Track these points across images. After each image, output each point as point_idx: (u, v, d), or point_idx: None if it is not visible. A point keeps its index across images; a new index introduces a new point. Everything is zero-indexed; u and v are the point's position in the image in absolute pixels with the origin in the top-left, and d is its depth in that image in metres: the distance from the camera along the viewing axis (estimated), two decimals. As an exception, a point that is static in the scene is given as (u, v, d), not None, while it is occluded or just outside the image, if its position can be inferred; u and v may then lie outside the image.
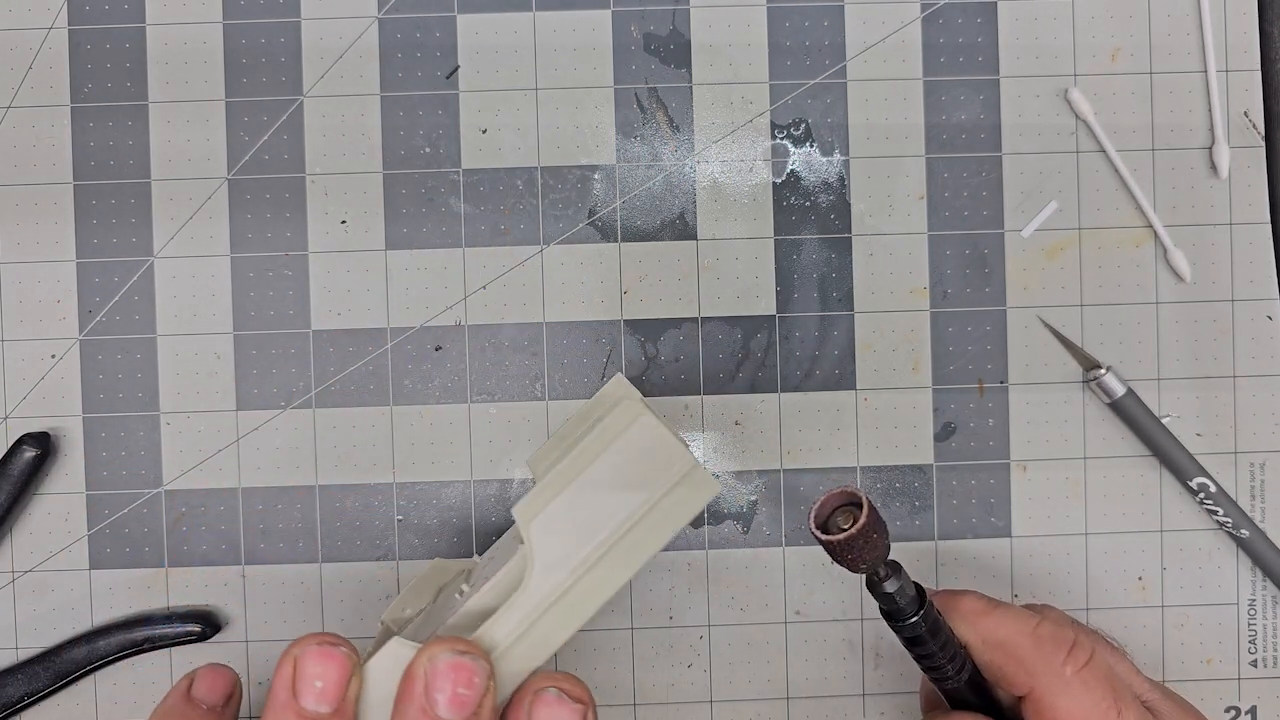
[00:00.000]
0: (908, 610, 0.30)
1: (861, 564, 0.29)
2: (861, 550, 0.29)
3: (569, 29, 0.39)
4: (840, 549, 0.29)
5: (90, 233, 0.39)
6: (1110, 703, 0.31)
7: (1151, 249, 0.40)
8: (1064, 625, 0.33)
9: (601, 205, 0.40)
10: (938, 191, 0.40)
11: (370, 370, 0.39)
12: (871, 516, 0.28)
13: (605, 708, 0.40)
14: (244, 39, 0.39)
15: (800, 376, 0.40)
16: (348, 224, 0.39)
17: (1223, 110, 0.40)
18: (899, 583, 0.30)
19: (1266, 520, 0.40)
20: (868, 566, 0.29)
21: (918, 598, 0.31)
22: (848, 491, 0.29)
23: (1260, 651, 0.40)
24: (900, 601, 0.30)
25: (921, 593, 0.31)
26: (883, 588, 0.30)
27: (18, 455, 0.38)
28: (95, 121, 0.39)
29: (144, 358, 0.39)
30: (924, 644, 0.31)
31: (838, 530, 0.28)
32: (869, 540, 0.29)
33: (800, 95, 0.40)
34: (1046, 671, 0.32)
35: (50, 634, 0.39)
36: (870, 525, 0.28)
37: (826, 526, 0.29)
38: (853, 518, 0.28)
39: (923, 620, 0.31)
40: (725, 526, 0.40)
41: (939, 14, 0.40)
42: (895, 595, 0.30)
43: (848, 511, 0.29)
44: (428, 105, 0.39)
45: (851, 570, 0.29)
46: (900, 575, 0.30)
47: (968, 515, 0.40)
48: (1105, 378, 0.39)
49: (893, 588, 0.30)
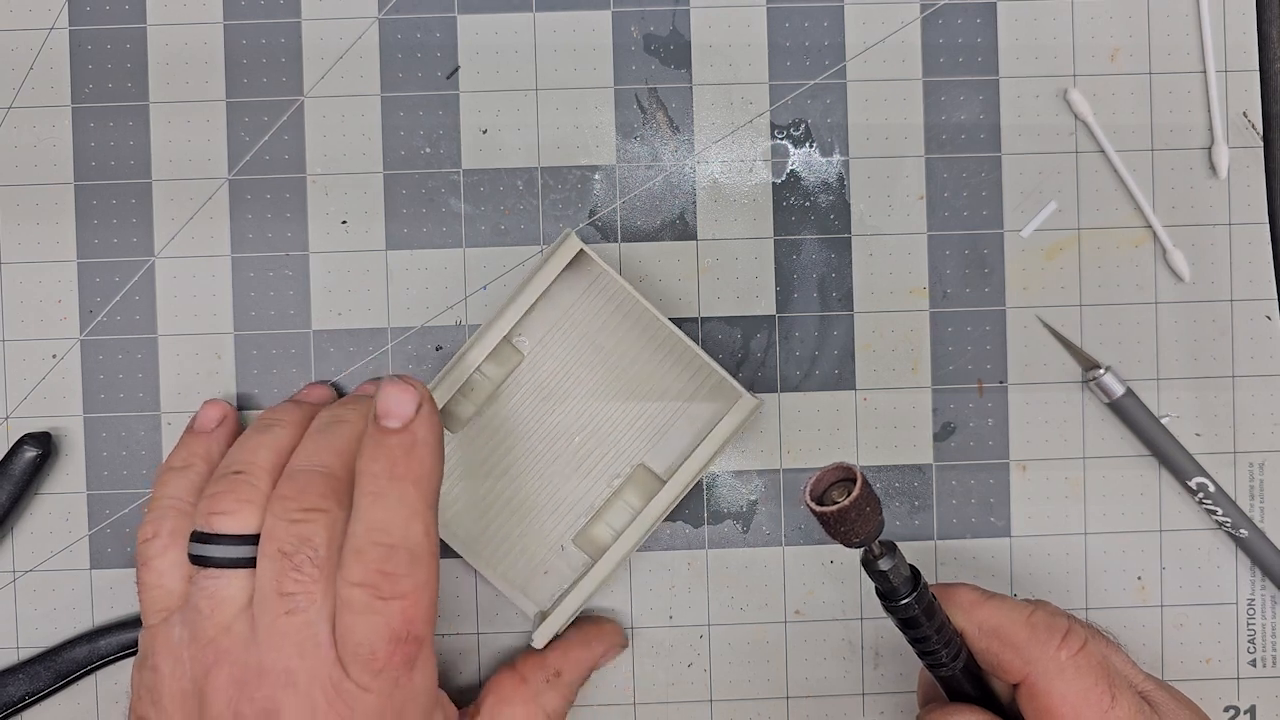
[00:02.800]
0: (901, 590, 0.31)
1: (855, 538, 0.29)
2: (854, 523, 0.29)
3: (569, 29, 0.39)
4: (833, 521, 0.29)
5: (91, 233, 0.39)
6: (1104, 688, 0.32)
7: (1151, 249, 0.40)
8: (1057, 614, 0.33)
9: (601, 205, 0.40)
10: (937, 192, 0.40)
11: (370, 370, 0.39)
12: (865, 491, 0.28)
13: (605, 707, 0.40)
14: (244, 39, 0.39)
15: (800, 376, 0.40)
16: (348, 224, 0.39)
17: (1222, 111, 0.40)
18: (893, 561, 0.30)
19: (1266, 520, 0.40)
20: (861, 541, 0.29)
21: (912, 579, 0.31)
22: (843, 467, 0.29)
23: (1259, 651, 0.40)
24: (894, 581, 0.31)
25: (917, 574, 0.31)
26: (877, 565, 0.30)
27: (19, 455, 0.38)
28: (96, 122, 0.39)
29: (144, 358, 0.39)
30: (919, 626, 0.31)
31: (832, 503, 0.29)
32: (862, 514, 0.29)
33: (800, 95, 0.40)
34: (1041, 657, 0.32)
35: (51, 633, 0.39)
36: (863, 499, 0.29)
37: (822, 500, 0.29)
38: (848, 492, 0.29)
39: (916, 602, 0.31)
40: (725, 526, 0.40)
41: (939, 14, 0.40)
42: (889, 574, 0.30)
43: (843, 487, 0.29)
44: (428, 105, 0.39)
45: (845, 544, 0.29)
46: (895, 555, 0.30)
47: (967, 515, 0.40)
48: (1104, 378, 0.39)
49: (887, 565, 0.30)
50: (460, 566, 0.39)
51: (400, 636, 0.31)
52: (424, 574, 0.32)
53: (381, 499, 0.32)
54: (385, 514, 0.32)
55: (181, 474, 0.35)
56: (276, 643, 0.31)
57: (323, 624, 0.31)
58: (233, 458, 0.34)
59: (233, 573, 0.32)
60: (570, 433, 0.39)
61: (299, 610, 0.31)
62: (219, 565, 0.32)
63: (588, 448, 0.39)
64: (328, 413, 0.35)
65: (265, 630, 0.31)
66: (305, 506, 0.32)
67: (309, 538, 0.31)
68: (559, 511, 0.39)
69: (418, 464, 0.33)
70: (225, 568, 0.32)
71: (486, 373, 0.38)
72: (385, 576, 0.31)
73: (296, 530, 0.31)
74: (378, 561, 0.31)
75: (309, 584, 0.31)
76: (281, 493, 0.32)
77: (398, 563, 0.31)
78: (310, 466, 0.33)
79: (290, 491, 0.32)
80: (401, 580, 0.31)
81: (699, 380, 0.39)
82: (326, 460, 0.33)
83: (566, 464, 0.39)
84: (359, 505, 0.32)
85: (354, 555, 0.31)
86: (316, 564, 0.31)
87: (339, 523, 0.32)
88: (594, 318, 0.39)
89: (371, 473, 0.32)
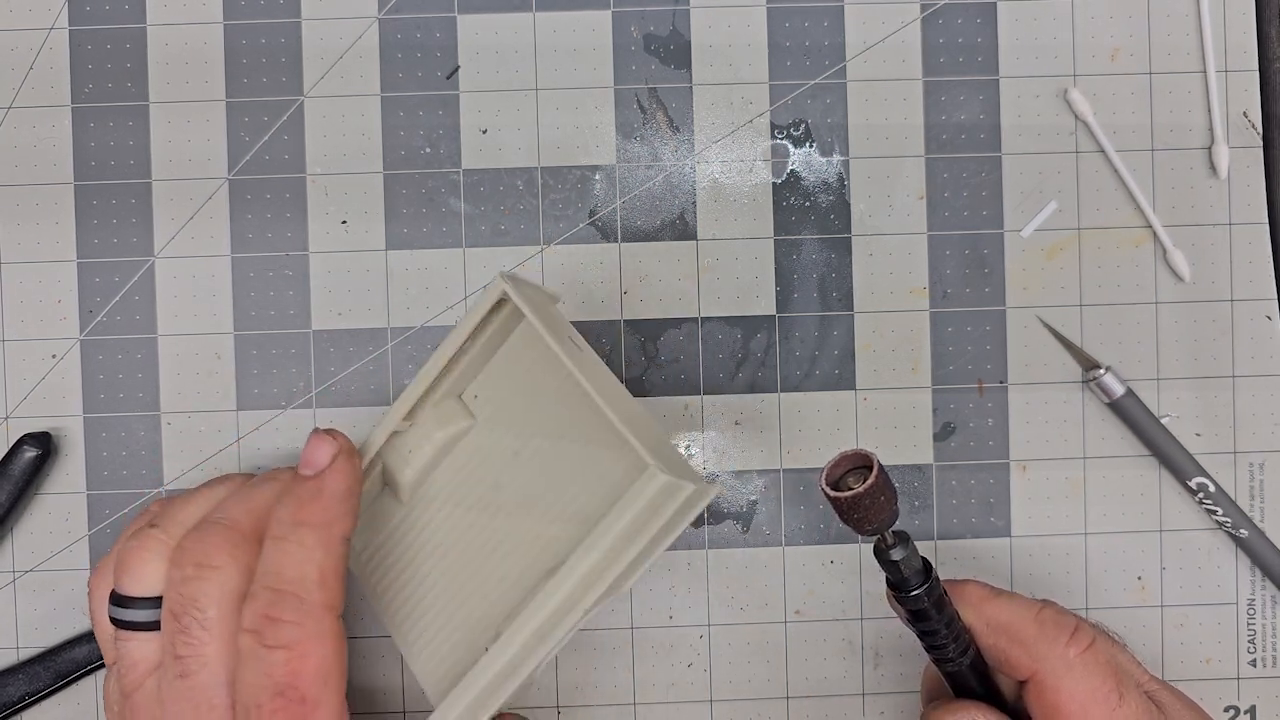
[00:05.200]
0: (912, 581, 0.30)
1: (868, 525, 0.29)
2: (869, 510, 0.29)
3: (569, 29, 0.39)
4: (847, 506, 0.29)
5: (91, 233, 0.39)
6: (1112, 686, 0.31)
7: (1151, 249, 0.40)
8: (1065, 613, 0.33)
9: (601, 205, 0.40)
10: (937, 191, 0.40)
11: (370, 370, 0.39)
12: (880, 478, 0.28)
13: (605, 707, 0.40)
14: (244, 39, 0.39)
15: (800, 376, 0.40)
16: (348, 224, 0.39)
17: (1222, 110, 0.40)
18: (905, 552, 0.30)
19: (1266, 520, 0.40)
20: (874, 529, 0.29)
21: (924, 570, 0.31)
22: (861, 454, 0.29)
23: (1259, 651, 0.40)
24: (905, 571, 0.30)
25: (928, 566, 0.31)
26: (889, 555, 0.30)
27: (18, 455, 0.38)
28: (96, 122, 0.39)
29: (144, 358, 0.39)
30: (928, 619, 0.31)
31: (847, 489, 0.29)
32: (876, 502, 0.29)
33: (800, 95, 0.40)
34: (1050, 654, 0.32)
35: (51, 634, 0.39)
36: (879, 487, 0.28)
37: (837, 487, 0.29)
38: (864, 479, 0.28)
39: (927, 594, 0.31)
40: (725, 526, 0.40)
41: (939, 14, 0.40)
42: (901, 564, 0.30)
43: (860, 474, 0.29)
44: (428, 105, 0.39)
45: (858, 531, 0.29)
46: (907, 545, 0.30)
47: (967, 515, 0.40)
48: (1104, 378, 0.39)
49: (899, 555, 0.30)
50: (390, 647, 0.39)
51: (282, 690, 0.29)
52: (313, 625, 0.30)
53: (280, 543, 0.31)
54: (280, 558, 0.31)
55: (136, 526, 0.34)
56: (173, 704, 0.31)
57: (217, 686, 0.30)
58: (161, 509, 0.34)
59: (142, 634, 0.32)
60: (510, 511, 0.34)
61: (190, 674, 0.30)
62: (129, 629, 0.32)
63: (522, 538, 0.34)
64: (266, 474, 0.34)
65: (166, 691, 0.31)
66: (198, 561, 0.31)
67: (195, 598, 0.31)
68: (486, 604, 0.35)
69: (321, 510, 0.32)
70: (136, 629, 0.32)
71: (430, 435, 0.35)
72: (270, 622, 0.30)
73: (186, 590, 0.31)
74: (265, 606, 0.30)
75: (199, 646, 0.30)
76: (182, 544, 0.32)
77: (284, 608, 0.30)
78: (216, 519, 0.32)
79: (189, 544, 0.31)
80: (285, 628, 0.30)
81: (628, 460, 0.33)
82: (235, 515, 0.32)
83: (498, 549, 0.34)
84: (264, 551, 0.31)
85: (249, 600, 0.31)
86: (205, 625, 0.30)
87: (231, 580, 0.31)
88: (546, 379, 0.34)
89: (278, 518, 0.32)
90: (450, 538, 0.35)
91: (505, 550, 0.34)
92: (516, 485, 0.35)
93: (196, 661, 0.30)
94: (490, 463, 0.35)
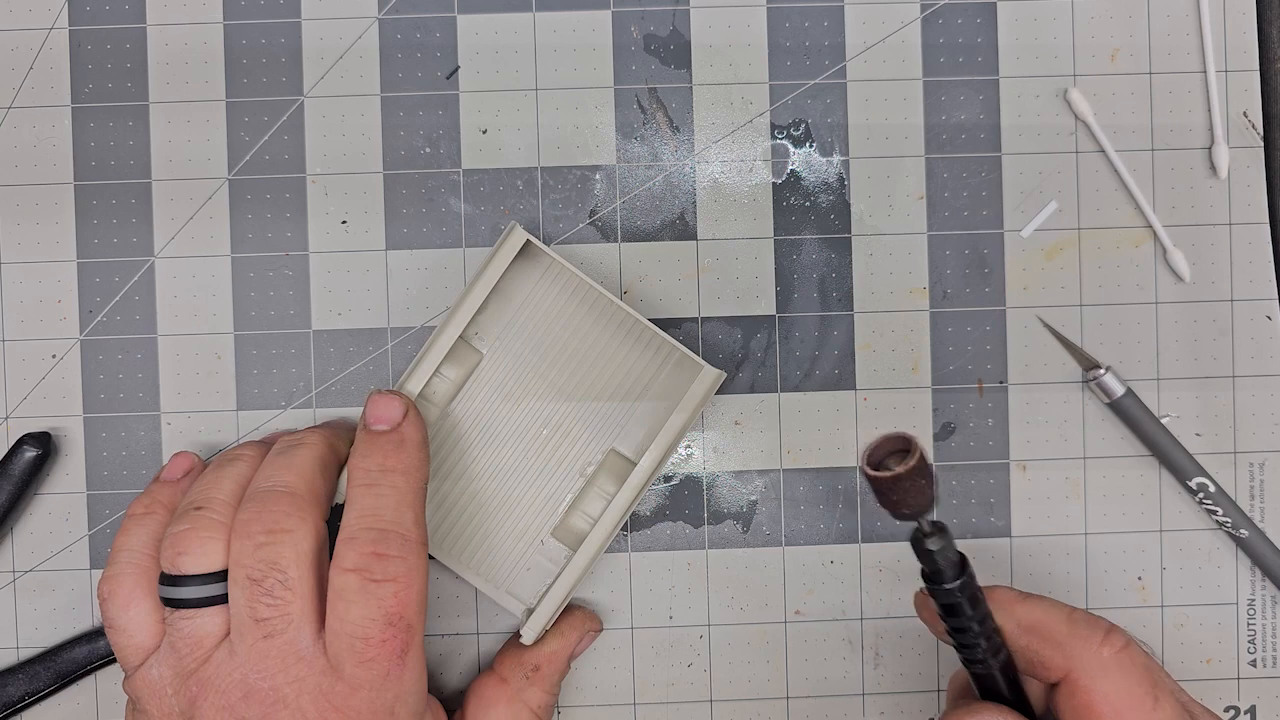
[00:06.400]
0: (948, 573, 0.30)
1: (905, 509, 0.29)
2: (907, 493, 0.28)
3: (569, 29, 0.39)
4: (886, 487, 0.28)
5: (91, 233, 0.39)
6: (1148, 688, 0.31)
7: (1151, 249, 0.40)
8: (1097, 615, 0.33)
9: (601, 205, 0.40)
10: (937, 191, 0.40)
11: (370, 370, 0.39)
12: (921, 462, 0.28)
13: (605, 707, 0.40)
14: (244, 39, 0.39)
15: (800, 376, 0.40)
16: (348, 224, 0.39)
17: (1222, 110, 0.40)
18: (942, 542, 0.29)
19: (1266, 520, 0.40)
20: (911, 514, 0.29)
21: (960, 563, 0.30)
22: (903, 437, 0.29)
23: (1260, 651, 0.40)
24: (941, 563, 0.30)
25: (964, 560, 0.30)
26: (925, 544, 0.29)
27: (18, 455, 0.38)
28: (96, 121, 0.39)
29: (144, 358, 0.39)
30: (960, 614, 0.30)
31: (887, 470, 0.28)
32: (915, 485, 0.28)
33: (800, 95, 0.40)
34: (1084, 653, 0.31)
35: (51, 634, 0.39)
36: (919, 470, 0.28)
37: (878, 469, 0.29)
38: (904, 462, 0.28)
39: (961, 589, 0.30)
40: (725, 526, 0.40)
41: (939, 14, 0.40)
42: (937, 555, 0.29)
43: (899, 458, 0.29)
44: (428, 105, 0.39)
45: (895, 515, 0.29)
46: (945, 536, 0.29)
47: (967, 515, 0.40)
48: (1104, 378, 0.39)
49: (935, 546, 0.29)
50: (441, 569, 0.39)
51: (392, 620, 0.32)
52: (414, 559, 0.33)
53: (374, 488, 0.33)
54: (377, 501, 0.33)
55: (141, 521, 0.35)
56: (259, 665, 0.31)
57: (305, 638, 0.32)
58: (193, 493, 0.34)
59: (206, 610, 0.32)
60: (537, 427, 0.39)
61: (277, 633, 0.31)
62: (190, 606, 0.32)
63: (555, 441, 0.39)
64: (284, 440, 0.35)
65: (246, 654, 0.31)
66: (269, 528, 0.32)
67: (275, 561, 0.32)
68: (534, 507, 0.39)
69: (407, 457, 0.34)
70: (197, 607, 0.32)
71: (447, 374, 0.38)
72: (378, 559, 0.32)
73: (263, 555, 0.32)
74: (370, 544, 0.32)
75: (283, 606, 0.32)
76: (244, 516, 0.32)
77: (389, 545, 0.32)
78: (271, 487, 0.33)
79: (253, 514, 0.32)
80: (393, 562, 0.32)
81: (660, 359, 0.39)
82: (287, 479, 0.33)
83: (536, 458, 0.39)
84: (352, 497, 0.33)
85: (346, 543, 0.32)
86: (288, 585, 0.32)
87: (305, 540, 0.32)
88: (549, 309, 0.39)
89: (364, 468, 0.34)
90: (478, 460, 0.39)
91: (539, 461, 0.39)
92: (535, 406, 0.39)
93: (283, 620, 0.32)
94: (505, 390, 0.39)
